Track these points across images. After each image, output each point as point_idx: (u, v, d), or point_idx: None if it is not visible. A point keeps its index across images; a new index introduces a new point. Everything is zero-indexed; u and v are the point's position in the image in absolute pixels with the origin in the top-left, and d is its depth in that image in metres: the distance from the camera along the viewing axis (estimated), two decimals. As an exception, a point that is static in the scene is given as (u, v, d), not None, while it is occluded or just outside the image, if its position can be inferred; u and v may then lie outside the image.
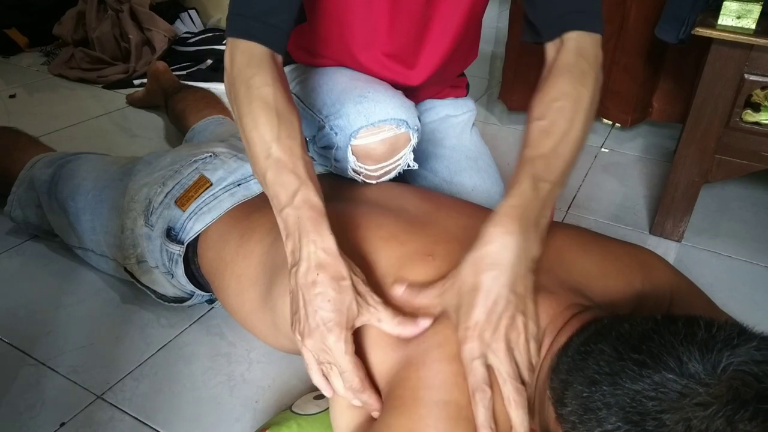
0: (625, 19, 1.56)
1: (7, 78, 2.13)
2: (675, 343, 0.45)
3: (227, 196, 0.88)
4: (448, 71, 1.06)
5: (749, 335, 0.45)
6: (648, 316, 0.51)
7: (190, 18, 2.42)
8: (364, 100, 0.87)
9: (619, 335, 0.49)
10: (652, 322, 0.49)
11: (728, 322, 0.47)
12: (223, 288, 0.85)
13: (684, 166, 1.19)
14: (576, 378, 0.50)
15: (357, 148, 0.86)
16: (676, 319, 0.48)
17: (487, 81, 2.20)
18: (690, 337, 0.45)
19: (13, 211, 1.16)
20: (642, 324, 0.49)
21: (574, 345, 0.53)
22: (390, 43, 0.91)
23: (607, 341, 0.49)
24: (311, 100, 0.93)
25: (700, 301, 0.72)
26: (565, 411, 0.50)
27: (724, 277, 1.18)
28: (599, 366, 0.48)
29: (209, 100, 1.56)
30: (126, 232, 0.96)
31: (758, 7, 1.02)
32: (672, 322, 0.47)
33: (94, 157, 1.14)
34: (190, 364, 0.93)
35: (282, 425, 0.75)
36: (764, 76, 1.05)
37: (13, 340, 0.97)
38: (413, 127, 0.89)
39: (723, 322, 0.46)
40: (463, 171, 1.08)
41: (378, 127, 0.86)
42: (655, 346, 0.45)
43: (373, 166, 0.88)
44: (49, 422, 0.83)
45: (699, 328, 0.45)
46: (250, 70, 0.71)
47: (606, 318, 0.55)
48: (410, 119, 0.89)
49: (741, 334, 0.44)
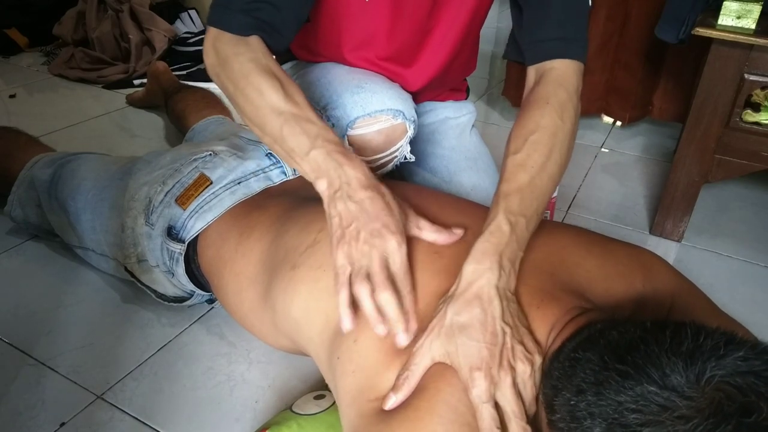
0: (627, 17, 1.57)
1: (7, 78, 2.13)
2: (660, 353, 0.44)
3: (228, 195, 0.88)
4: (447, 80, 1.06)
5: (737, 344, 0.44)
6: (639, 322, 0.50)
7: (190, 18, 2.42)
8: (361, 90, 0.87)
9: (607, 344, 0.48)
10: (640, 330, 0.48)
11: (718, 330, 0.46)
12: (222, 287, 0.85)
13: (684, 166, 1.19)
14: (565, 385, 0.50)
15: (354, 138, 0.87)
16: (665, 327, 0.47)
17: (487, 81, 2.20)
18: (675, 347, 0.44)
19: (14, 210, 1.16)
20: (631, 332, 0.48)
21: (566, 351, 0.53)
22: (388, 48, 0.91)
23: (596, 349, 0.49)
24: (310, 93, 0.94)
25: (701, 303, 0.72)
26: (555, 417, 0.50)
27: (724, 277, 1.18)
28: (586, 375, 0.47)
29: (209, 100, 1.56)
30: (126, 231, 0.96)
31: (758, 7, 1.02)
32: (660, 331, 0.47)
33: (94, 157, 1.14)
34: (190, 364, 0.93)
35: (282, 425, 0.75)
36: (764, 76, 1.05)
37: (13, 340, 0.97)
38: (410, 119, 0.90)
39: (712, 330, 0.45)
40: (463, 171, 1.08)
41: (374, 118, 0.86)
42: (639, 356, 0.44)
43: (370, 158, 0.88)
44: (49, 422, 0.83)
45: (686, 337, 0.45)
46: (239, 47, 0.74)
47: (599, 323, 0.55)
48: (407, 110, 0.89)
49: (728, 344, 0.43)
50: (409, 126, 0.90)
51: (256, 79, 0.71)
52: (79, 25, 2.25)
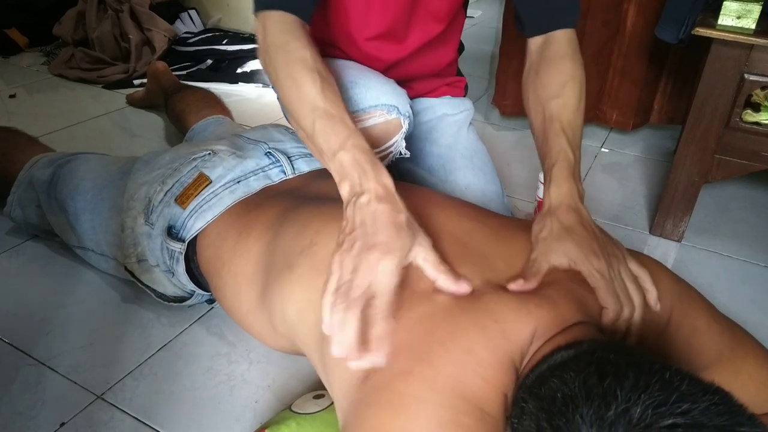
0: (622, 23, 1.55)
1: (7, 78, 2.13)
2: (582, 423, 0.41)
3: (227, 194, 0.88)
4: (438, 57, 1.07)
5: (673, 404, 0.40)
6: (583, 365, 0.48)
7: (190, 18, 2.42)
8: (354, 86, 0.87)
9: (545, 397, 0.47)
10: (578, 382, 0.45)
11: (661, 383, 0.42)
12: (220, 287, 0.85)
13: (684, 166, 1.19)
14: (517, 428, 0.50)
15: None
16: (604, 377, 0.44)
17: (487, 81, 2.20)
18: (601, 413, 0.41)
19: (13, 211, 1.16)
20: (568, 383, 0.46)
21: (522, 389, 0.53)
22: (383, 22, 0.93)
23: (536, 400, 0.48)
24: None
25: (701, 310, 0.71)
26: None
27: (724, 277, 1.18)
28: (526, 427, 0.47)
29: (209, 100, 1.56)
30: (126, 231, 0.96)
31: (758, 7, 1.02)
32: (596, 385, 0.44)
33: (93, 157, 1.14)
34: (190, 364, 0.93)
35: (281, 424, 0.75)
36: (764, 76, 1.05)
37: (13, 340, 0.97)
38: (404, 114, 0.90)
39: (654, 383, 0.42)
40: (458, 169, 1.08)
41: (368, 113, 0.86)
42: (564, 422, 0.43)
43: None
44: (49, 422, 0.83)
45: (618, 396, 0.41)
46: (284, 36, 0.75)
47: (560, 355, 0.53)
48: (401, 105, 0.89)
49: (662, 405, 0.40)
50: (403, 121, 0.89)
51: (298, 72, 0.72)
52: (79, 25, 2.24)
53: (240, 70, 2.10)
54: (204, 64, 2.16)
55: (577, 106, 0.81)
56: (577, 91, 0.82)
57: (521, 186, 1.46)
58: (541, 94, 0.82)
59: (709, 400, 0.40)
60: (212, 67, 2.14)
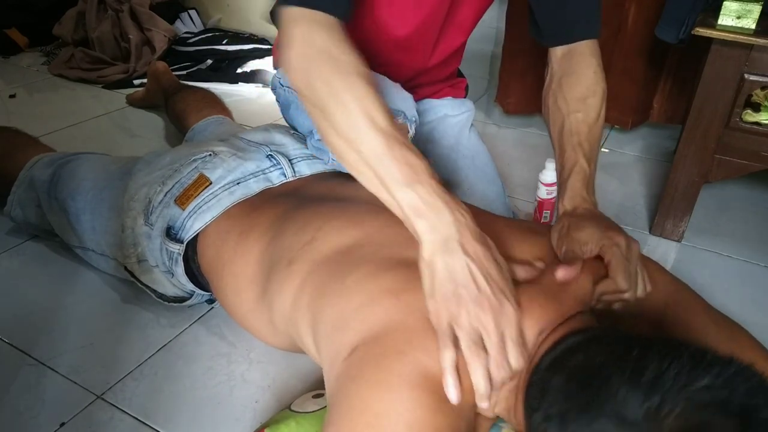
0: (622, 22, 1.55)
1: (7, 78, 2.13)
2: (620, 384, 0.42)
3: (226, 195, 0.88)
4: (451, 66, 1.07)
5: (704, 369, 0.41)
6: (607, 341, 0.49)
7: (190, 18, 2.42)
8: None
9: (573, 369, 0.48)
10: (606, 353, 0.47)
11: (687, 350, 0.44)
12: (221, 288, 0.85)
13: (684, 166, 1.19)
14: (537, 408, 0.50)
15: None
16: (631, 348, 0.45)
17: (487, 81, 2.20)
18: (637, 376, 0.42)
19: (13, 211, 1.16)
20: (596, 355, 0.47)
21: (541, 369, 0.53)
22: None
23: (562, 374, 0.48)
24: None
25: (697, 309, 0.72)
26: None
27: (724, 277, 1.18)
28: (551, 402, 0.47)
29: (209, 100, 1.56)
30: (126, 231, 0.96)
31: (758, 7, 1.02)
32: (625, 354, 0.45)
33: (93, 157, 1.14)
34: (190, 364, 0.93)
35: (281, 423, 0.75)
36: (764, 76, 1.05)
37: (13, 340, 0.97)
38: (411, 119, 0.89)
39: (680, 352, 0.44)
40: (459, 170, 1.08)
41: None
42: (599, 387, 0.43)
43: None
44: (49, 422, 0.83)
45: (651, 362, 0.43)
46: (331, 41, 0.66)
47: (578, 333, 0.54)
48: (408, 110, 0.89)
49: (694, 369, 0.41)
50: (410, 126, 0.89)
51: (353, 83, 0.63)
52: (79, 25, 2.24)
53: (240, 70, 2.10)
54: (204, 64, 2.16)
55: (597, 120, 0.83)
56: (598, 105, 0.83)
57: (522, 186, 1.46)
58: (562, 107, 0.84)
59: (737, 367, 0.42)
60: (212, 67, 2.14)
